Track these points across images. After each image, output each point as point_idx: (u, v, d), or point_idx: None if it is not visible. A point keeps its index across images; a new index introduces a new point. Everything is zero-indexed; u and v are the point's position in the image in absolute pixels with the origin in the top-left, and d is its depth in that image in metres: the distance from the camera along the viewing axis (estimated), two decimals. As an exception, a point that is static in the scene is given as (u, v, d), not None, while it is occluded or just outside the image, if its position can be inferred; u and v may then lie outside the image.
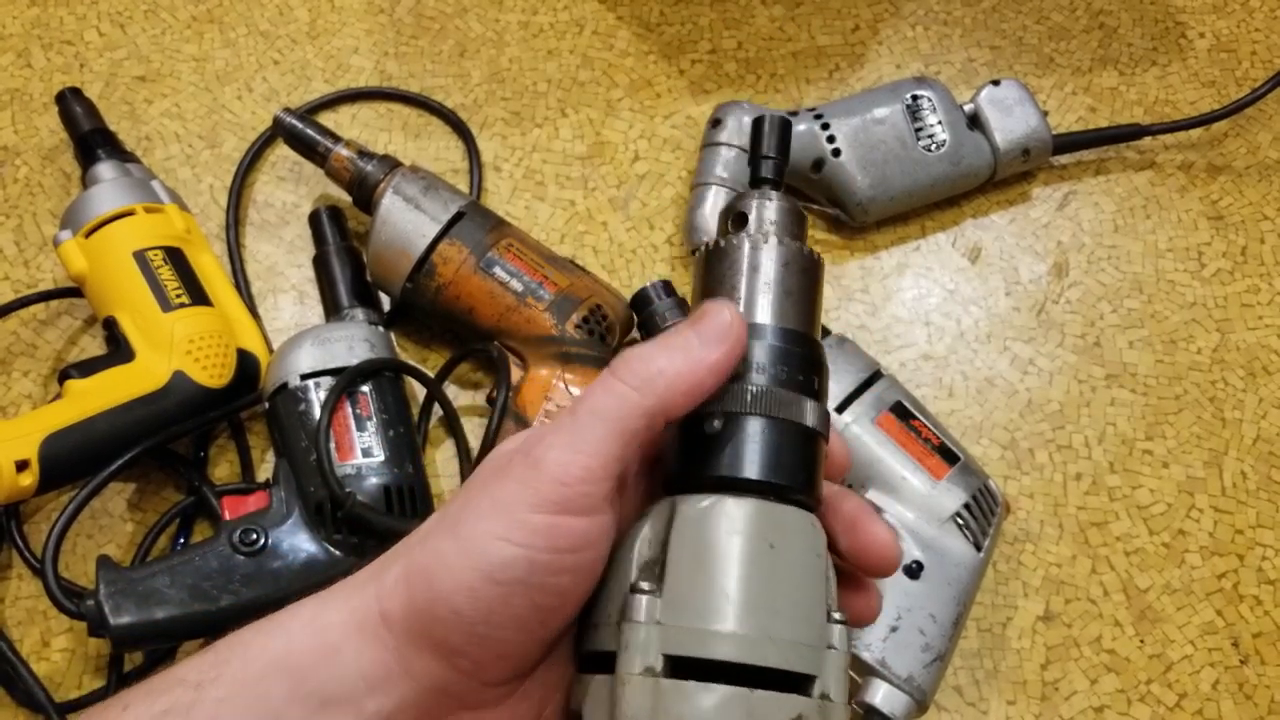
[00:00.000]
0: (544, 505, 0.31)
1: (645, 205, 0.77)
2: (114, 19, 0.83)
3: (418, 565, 0.32)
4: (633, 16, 0.85)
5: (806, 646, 0.32)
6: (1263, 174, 0.80)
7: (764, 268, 0.35)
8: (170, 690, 0.32)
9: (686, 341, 0.33)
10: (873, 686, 0.56)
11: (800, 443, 0.34)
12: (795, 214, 0.37)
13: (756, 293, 0.35)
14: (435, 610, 0.32)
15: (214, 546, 0.57)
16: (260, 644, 0.33)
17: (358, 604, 0.33)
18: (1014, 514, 0.67)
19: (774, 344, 0.34)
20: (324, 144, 0.69)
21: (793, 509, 0.33)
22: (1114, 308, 0.75)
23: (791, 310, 0.35)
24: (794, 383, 0.34)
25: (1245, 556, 0.66)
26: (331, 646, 0.32)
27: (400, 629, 0.32)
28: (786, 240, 0.36)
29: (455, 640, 0.32)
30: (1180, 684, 0.63)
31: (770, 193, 0.37)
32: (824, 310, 0.73)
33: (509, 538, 0.31)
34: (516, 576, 0.31)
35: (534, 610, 0.32)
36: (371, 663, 0.32)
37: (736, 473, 0.33)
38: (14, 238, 0.73)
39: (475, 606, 0.31)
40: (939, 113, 0.74)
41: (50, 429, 0.58)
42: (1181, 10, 0.88)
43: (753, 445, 0.33)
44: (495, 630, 0.32)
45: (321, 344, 0.63)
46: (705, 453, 0.34)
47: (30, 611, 0.62)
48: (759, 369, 0.34)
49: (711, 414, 0.34)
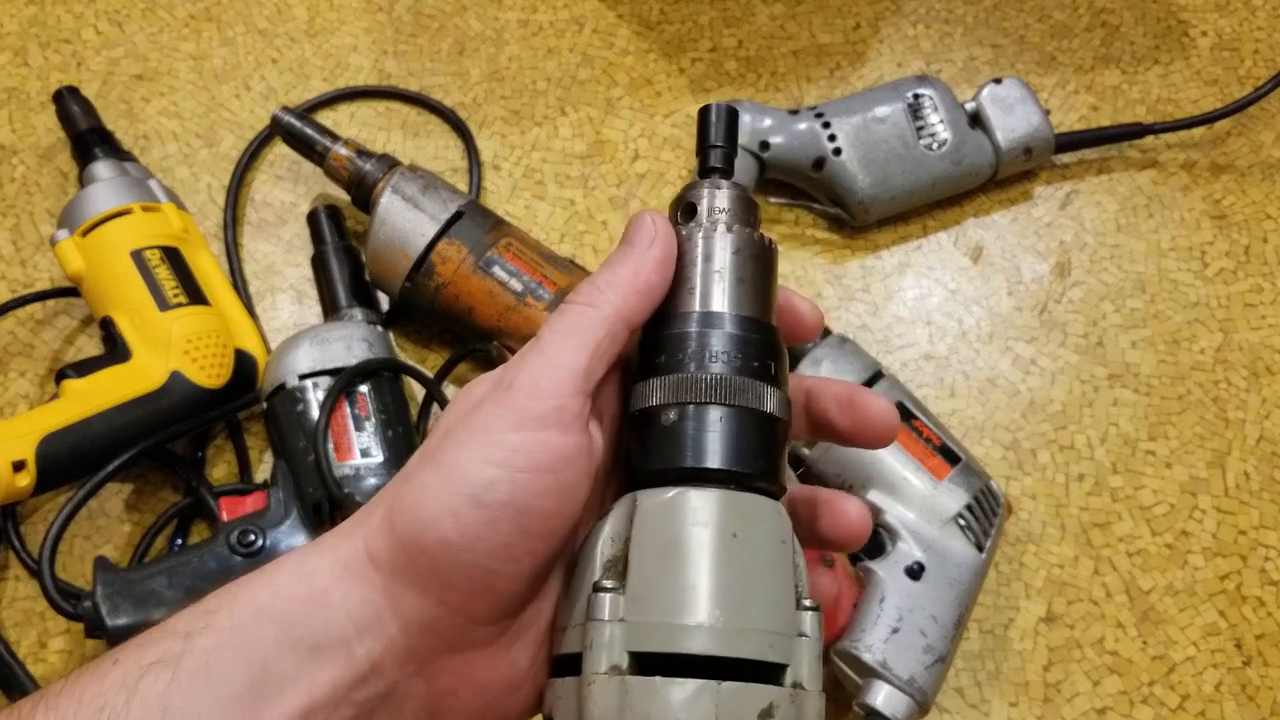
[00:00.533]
0: (520, 423, 0.32)
1: (645, 204, 0.77)
2: (111, 17, 0.83)
3: (402, 500, 0.32)
4: (633, 14, 0.85)
5: (777, 635, 0.31)
6: (1265, 173, 0.80)
7: (716, 256, 0.35)
8: (159, 642, 0.31)
9: (622, 253, 0.35)
10: (874, 688, 0.56)
11: (759, 429, 0.34)
12: (745, 201, 0.37)
13: (710, 282, 0.35)
14: (422, 540, 0.31)
15: (212, 547, 0.57)
16: (248, 594, 0.32)
17: (344, 548, 0.33)
18: (1016, 515, 0.67)
19: (730, 331, 0.34)
20: (322, 143, 0.69)
21: (756, 497, 0.33)
22: (1116, 307, 0.74)
23: (745, 297, 0.35)
24: (750, 369, 0.34)
25: (1248, 557, 0.66)
26: (319, 591, 0.32)
27: (388, 566, 0.32)
28: (737, 227, 0.36)
29: (443, 571, 0.32)
30: (1183, 685, 0.62)
31: (720, 181, 0.37)
32: (826, 310, 0.73)
33: (490, 459, 0.31)
34: (500, 498, 0.31)
35: (521, 535, 0.32)
36: (360, 604, 0.32)
37: (696, 463, 0.33)
38: (11, 237, 0.73)
39: (462, 532, 0.31)
40: (940, 111, 0.74)
41: (47, 429, 0.58)
42: (1184, 9, 0.87)
43: (711, 434, 0.33)
44: (483, 559, 0.32)
45: (320, 344, 0.62)
46: (663, 445, 0.33)
47: (27, 613, 0.61)
48: (715, 357, 0.34)
49: (667, 405, 0.33)
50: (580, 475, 0.33)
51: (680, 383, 0.33)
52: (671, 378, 0.34)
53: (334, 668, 0.31)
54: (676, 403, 0.33)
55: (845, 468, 0.62)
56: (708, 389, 0.33)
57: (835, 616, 0.59)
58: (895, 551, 0.59)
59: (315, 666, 0.31)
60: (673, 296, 0.35)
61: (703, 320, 0.34)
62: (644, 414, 0.34)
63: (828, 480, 0.63)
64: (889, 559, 0.59)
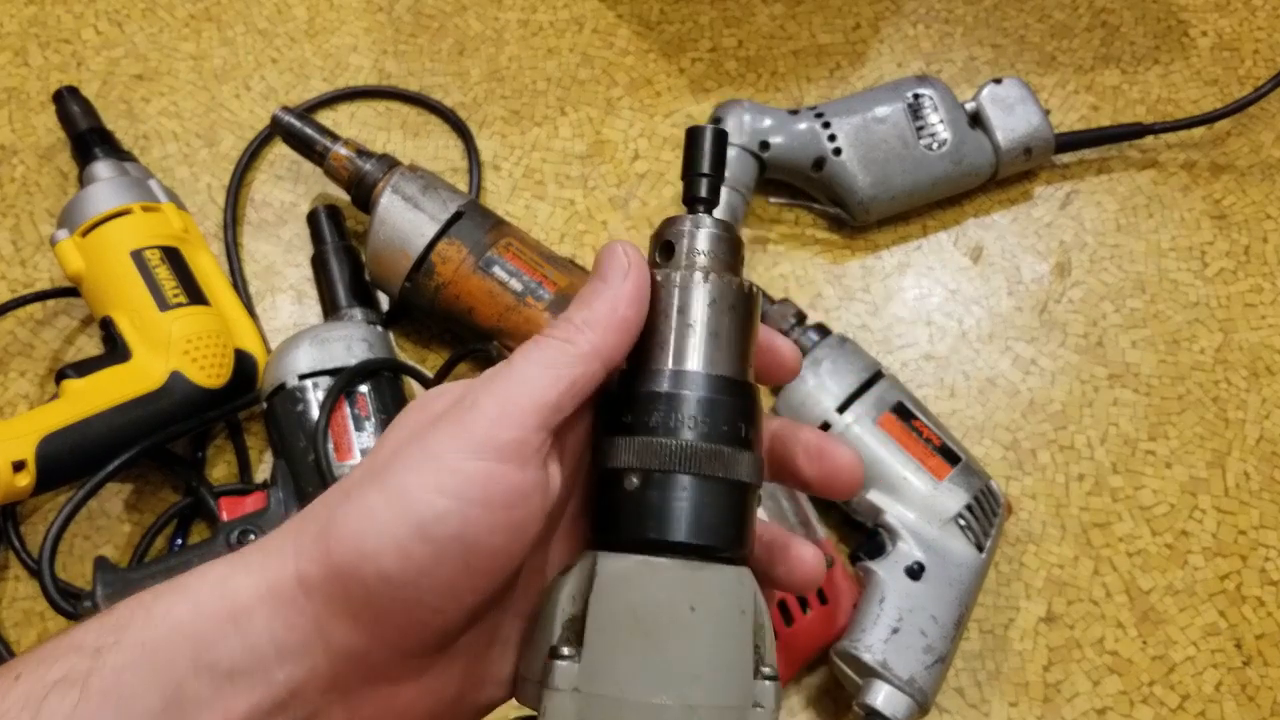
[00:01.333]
0: (479, 451, 0.30)
1: (645, 204, 0.77)
2: (111, 17, 0.83)
3: (340, 522, 0.30)
4: (633, 14, 0.85)
5: (730, 709, 0.31)
6: (1265, 173, 0.80)
7: (691, 308, 0.33)
8: (65, 657, 0.29)
9: (595, 288, 0.33)
10: (874, 688, 0.56)
11: (725, 498, 0.32)
12: (728, 241, 0.35)
13: (683, 336, 0.33)
14: (360, 572, 0.30)
15: (212, 547, 0.57)
16: (163, 608, 0.30)
17: (273, 566, 0.31)
18: (1016, 515, 0.67)
19: (700, 395, 0.32)
20: (322, 143, 0.69)
21: (716, 567, 0.32)
22: (1116, 307, 0.74)
23: (720, 354, 0.33)
24: (719, 434, 0.32)
25: (1248, 557, 0.66)
26: (241, 611, 0.30)
27: (319, 593, 0.30)
28: (714, 274, 0.34)
29: (380, 605, 0.30)
30: (1183, 685, 0.62)
31: (703, 218, 0.35)
32: (826, 310, 0.73)
33: (442, 487, 0.30)
34: (449, 532, 0.29)
35: (466, 573, 0.30)
36: (285, 629, 0.30)
37: (658, 535, 0.32)
38: (11, 237, 0.73)
39: (405, 567, 0.29)
40: (940, 111, 0.74)
41: (47, 429, 0.58)
42: (1184, 9, 0.87)
43: (674, 504, 0.32)
44: (424, 595, 0.30)
45: (319, 344, 0.62)
46: (626, 511, 0.32)
47: (27, 613, 0.61)
48: (683, 421, 0.32)
49: (630, 470, 0.32)
50: (534, 513, 0.31)
51: (646, 447, 0.32)
52: (638, 440, 0.32)
53: (252, 693, 0.30)
54: (642, 468, 0.32)
55: (845, 468, 0.62)
56: (674, 457, 0.32)
57: (835, 616, 0.59)
58: (895, 551, 0.59)
59: (232, 691, 0.30)
60: (644, 348, 0.34)
61: (674, 380, 0.33)
62: (609, 473, 0.33)
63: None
64: (889, 559, 0.59)
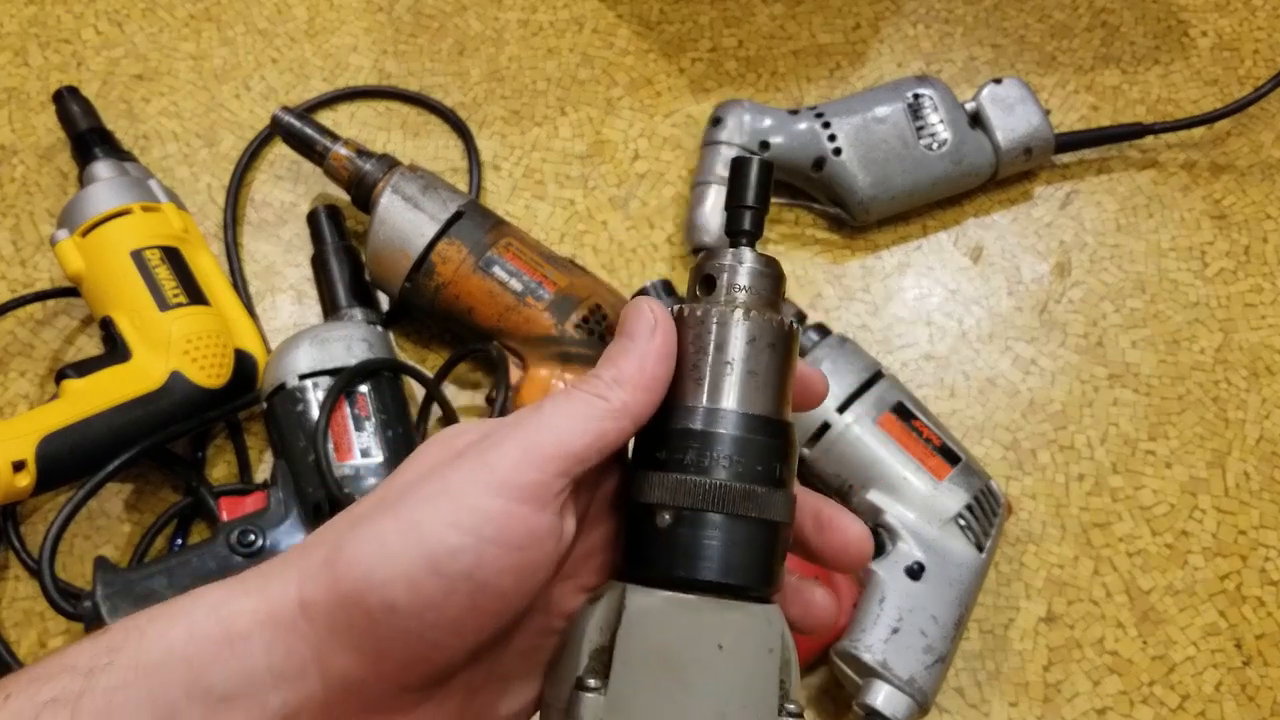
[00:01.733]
0: (499, 491, 0.30)
1: (645, 204, 0.77)
2: (111, 17, 0.83)
3: (351, 549, 0.30)
4: (633, 14, 0.85)
5: None
6: (1265, 173, 0.80)
7: (729, 345, 0.33)
8: (57, 677, 0.29)
9: (623, 345, 0.33)
10: (874, 688, 0.56)
11: (756, 537, 0.33)
12: (769, 276, 0.35)
13: (719, 374, 0.33)
14: (366, 602, 0.29)
15: (212, 547, 0.57)
16: (158, 630, 0.30)
17: (275, 590, 0.30)
18: (1016, 515, 0.67)
19: (735, 434, 0.33)
20: (322, 143, 0.69)
21: (745, 606, 0.32)
22: (1116, 307, 0.74)
23: (756, 393, 0.33)
24: (752, 474, 0.32)
25: (1248, 557, 0.66)
26: (239, 635, 0.30)
27: (322, 620, 0.30)
28: (754, 311, 0.34)
29: (382, 636, 0.30)
30: (1183, 685, 0.62)
31: (744, 252, 0.35)
32: (826, 310, 0.73)
33: (458, 523, 0.29)
34: (462, 569, 0.29)
35: (472, 611, 0.30)
36: (284, 655, 0.30)
37: (687, 574, 0.32)
38: (11, 237, 0.73)
39: (412, 600, 0.29)
40: (940, 111, 0.74)
41: (47, 429, 0.58)
42: (1184, 9, 0.87)
43: (705, 543, 0.32)
44: (428, 630, 0.30)
45: (319, 344, 0.62)
46: (657, 547, 0.32)
47: (27, 613, 0.61)
48: (717, 460, 0.32)
49: (662, 506, 0.32)
50: (546, 557, 0.31)
51: (679, 485, 0.32)
52: (671, 477, 0.32)
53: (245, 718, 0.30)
54: (674, 505, 0.32)
55: (845, 468, 0.62)
56: (706, 496, 0.32)
57: (835, 617, 0.59)
58: (895, 551, 0.59)
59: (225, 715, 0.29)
60: (680, 383, 0.34)
61: (708, 418, 0.33)
62: (641, 508, 0.33)
63: (828, 480, 0.63)
64: (889, 559, 0.59)
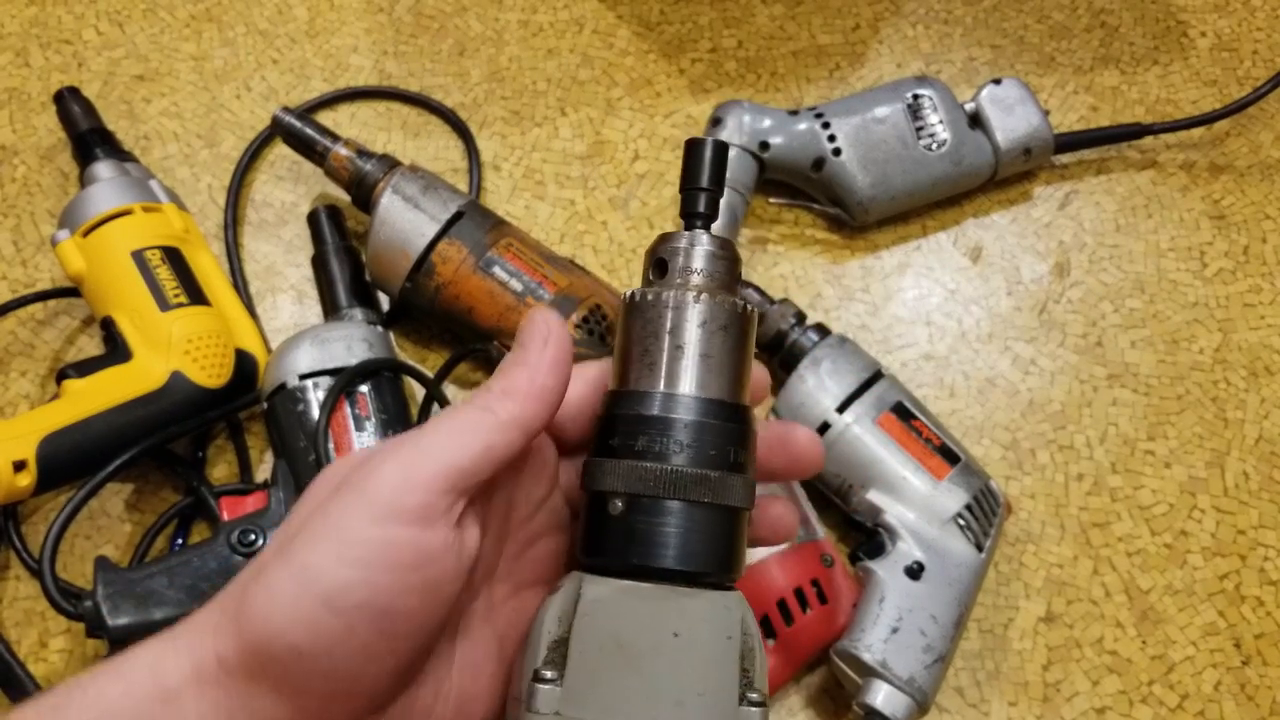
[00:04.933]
0: (381, 517, 0.30)
1: (645, 205, 0.77)
2: (112, 18, 0.83)
3: (250, 601, 0.30)
4: (633, 15, 0.85)
5: None
6: (1264, 173, 0.80)
7: (680, 329, 0.33)
8: None
9: (514, 357, 0.33)
10: (873, 688, 0.56)
11: (712, 523, 0.32)
12: (724, 259, 0.34)
13: (674, 359, 0.33)
14: (272, 649, 0.30)
15: (212, 547, 0.57)
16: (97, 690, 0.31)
17: (196, 646, 0.31)
18: (1015, 514, 0.67)
19: (690, 418, 0.32)
20: (323, 143, 0.69)
21: (702, 593, 0.32)
22: (1116, 307, 0.74)
23: (711, 376, 0.33)
24: (708, 459, 0.32)
25: (1247, 557, 0.66)
26: (171, 693, 0.30)
27: (239, 672, 0.30)
28: (707, 294, 0.33)
29: (297, 677, 0.30)
30: (1182, 685, 0.62)
31: (699, 234, 0.34)
32: (826, 310, 0.73)
33: (344, 558, 0.30)
34: (356, 601, 0.29)
35: (381, 637, 0.30)
36: (212, 708, 0.30)
37: (642, 561, 0.31)
38: (12, 237, 0.73)
39: (315, 640, 0.29)
40: (940, 112, 0.74)
41: (48, 429, 0.58)
42: (1183, 9, 0.88)
43: (659, 530, 0.31)
44: (341, 663, 0.30)
45: (320, 344, 0.62)
46: (611, 535, 0.32)
47: (28, 612, 0.61)
48: (672, 446, 0.32)
49: (615, 494, 0.32)
50: (446, 573, 0.31)
51: (632, 472, 0.32)
52: (624, 464, 0.32)
53: None
54: (627, 492, 0.32)
55: (845, 467, 0.62)
56: (659, 482, 0.31)
57: (835, 616, 0.59)
58: (895, 551, 0.59)
59: None
60: (633, 368, 0.33)
61: (663, 403, 0.32)
62: (595, 496, 0.33)
63: (828, 480, 0.63)
64: (889, 559, 0.59)
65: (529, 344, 0.33)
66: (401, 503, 0.30)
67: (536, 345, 0.33)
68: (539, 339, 0.33)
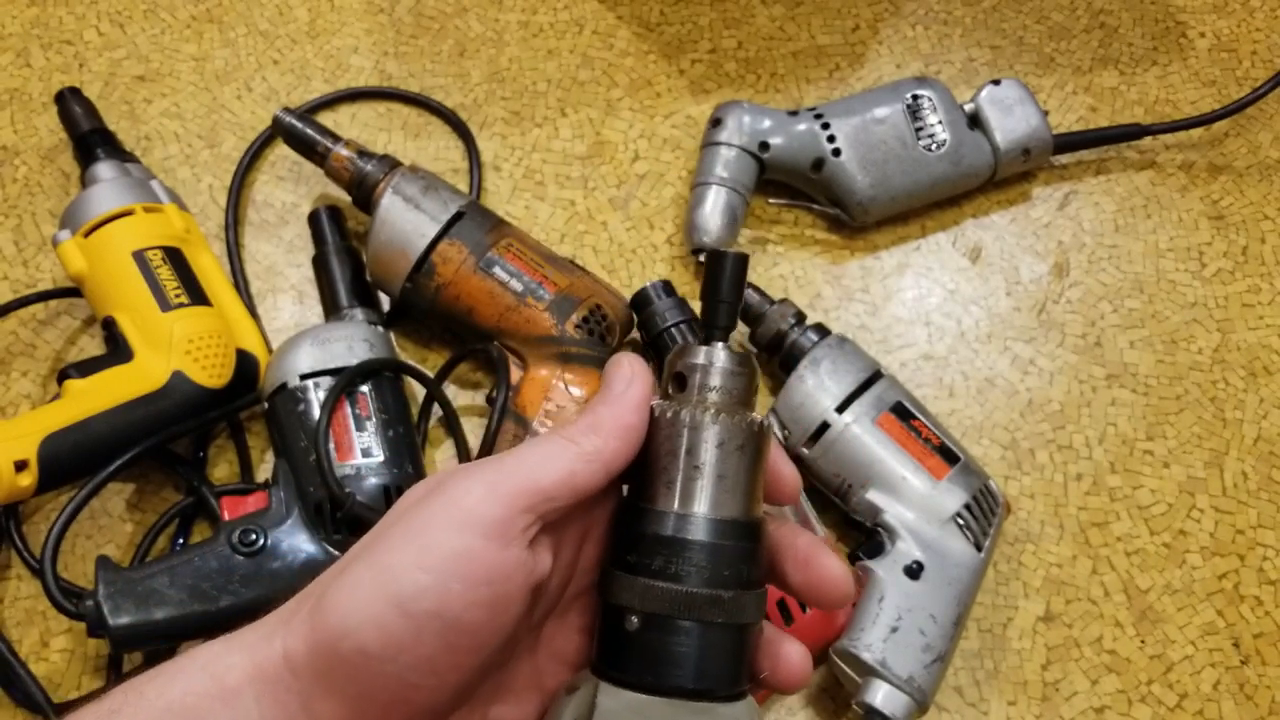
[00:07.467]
0: (460, 528, 0.31)
1: (645, 205, 0.77)
2: (113, 18, 0.83)
3: (330, 599, 0.31)
4: (633, 16, 0.85)
5: None
6: (1263, 174, 0.80)
7: (697, 450, 0.34)
8: None
9: (600, 396, 0.35)
10: (873, 687, 0.56)
11: (725, 642, 0.33)
12: (742, 375, 0.35)
13: (690, 479, 0.34)
14: (340, 649, 0.30)
15: (213, 547, 0.57)
16: (155, 691, 0.31)
17: (262, 646, 0.32)
18: (1014, 514, 0.67)
19: (704, 540, 0.33)
20: (323, 143, 0.69)
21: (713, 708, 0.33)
22: (1115, 307, 0.75)
23: (726, 496, 0.34)
24: (720, 579, 0.33)
25: (1246, 557, 0.66)
26: (230, 691, 0.31)
27: (305, 670, 0.31)
28: (725, 414, 0.34)
29: (362, 681, 0.31)
30: (1181, 684, 0.62)
31: (717, 349, 0.35)
32: (825, 310, 0.73)
33: (422, 563, 0.31)
34: (428, 608, 0.30)
35: (446, 650, 0.31)
36: (273, 706, 0.31)
37: (654, 678, 0.32)
38: (13, 237, 0.73)
39: (384, 643, 0.30)
40: (939, 112, 0.74)
41: (49, 429, 0.58)
42: (1182, 10, 0.88)
43: (672, 649, 0.32)
44: (404, 671, 0.31)
45: (321, 344, 0.62)
46: (626, 649, 0.33)
47: (29, 612, 0.62)
48: (686, 567, 0.33)
49: (631, 610, 0.33)
50: (515, 591, 0.32)
51: (647, 591, 0.33)
52: (640, 582, 0.33)
53: None
54: (643, 610, 0.33)
55: (844, 467, 0.62)
56: (675, 603, 0.32)
57: (835, 616, 0.59)
58: (894, 551, 0.59)
59: None
60: (651, 486, 0.34)
61: (678, 524, 0.33)
62: (611, 608, 0.34)
63: (827, 480, 0.63)
64: (888, 558, 0.59)
65: (614, 383, 0.35)
66: (481, 514, 0.31)
67: (621, 385, 0.34)
68: (623, 379, 0.35)
